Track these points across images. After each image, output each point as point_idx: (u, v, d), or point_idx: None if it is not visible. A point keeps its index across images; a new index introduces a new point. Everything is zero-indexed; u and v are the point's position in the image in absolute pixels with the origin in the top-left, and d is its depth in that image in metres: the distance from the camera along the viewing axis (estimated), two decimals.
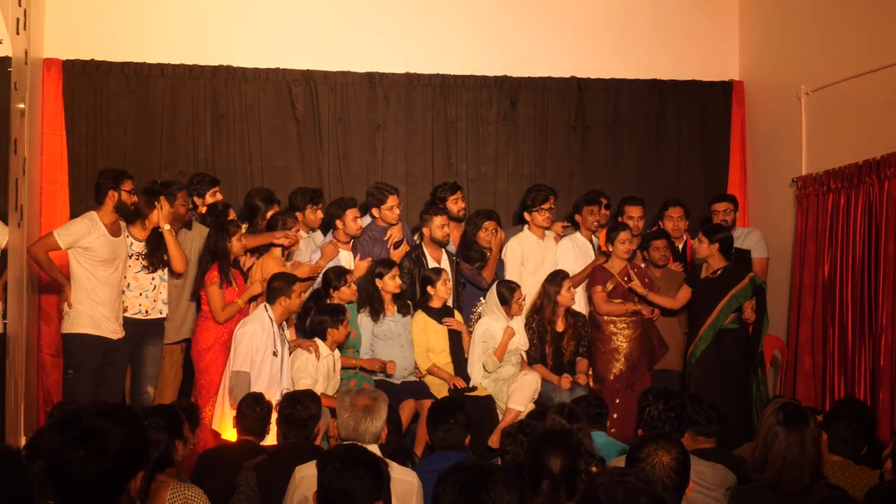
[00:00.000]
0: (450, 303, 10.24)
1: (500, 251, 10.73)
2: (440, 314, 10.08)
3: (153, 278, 9.53)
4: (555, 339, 10.27)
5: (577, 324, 10.37)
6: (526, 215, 10.89)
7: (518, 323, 10.23)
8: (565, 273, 10.35)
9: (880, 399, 9.48)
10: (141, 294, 9.49)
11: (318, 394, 7.97)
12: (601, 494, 3.65)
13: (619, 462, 5.66)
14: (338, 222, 10.25)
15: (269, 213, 10.13)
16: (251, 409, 7.62)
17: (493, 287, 10.24)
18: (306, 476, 5.80)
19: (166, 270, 9.62)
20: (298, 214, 10.31)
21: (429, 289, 10.02)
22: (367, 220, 10.55)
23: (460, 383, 9.77)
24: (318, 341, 9.25)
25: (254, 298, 9.58)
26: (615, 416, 9.68)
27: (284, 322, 9.32)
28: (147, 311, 9.52)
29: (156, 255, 9.49)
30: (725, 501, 6.02)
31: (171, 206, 9.57)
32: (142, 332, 9.52)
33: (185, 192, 10.03)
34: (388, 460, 5.21)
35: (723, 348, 10.01)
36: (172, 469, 5.86)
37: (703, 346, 10.06)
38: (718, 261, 10.13)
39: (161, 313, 9.65)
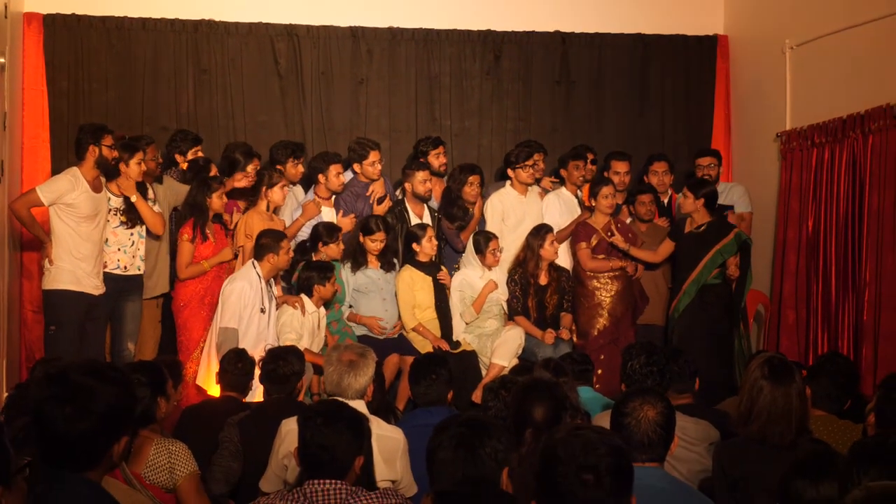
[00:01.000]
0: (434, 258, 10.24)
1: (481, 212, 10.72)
2: (428, 269, 10.07)
3: (132, 234, 9.50)
4: (538, 292, 10.27)
5: (560, 278, 10.38)
6: (509, 171, 10.87)
7: (498, 275, 10.26)
8: (549, 227, 10.35)
9: (863, 354, 9.51)
10: (119, 249, 9.46)
11: (303, 350, 7.97)
12: (559, 451, 3.63)
13: (604, 417, 5.66)
14: (320, 177, 10.23)
15: (250, 167, 10.09)
16: (233, 365, 7.63)
17: (471, 237, 10.27)
18: (291, 430, 5.79)
19: (144, 227, 9.59)
20: (279, 167, 10.30)
21: (414, 245, 10.01)
22: (348, 175, 10.51)
23: (444, 346, 9.76)
24: (304, 297, 9.25)
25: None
26: (599, 371, 9.71)
27: (272, 279, 9.30)
28: (126, 267, 9.49)
29: (133, 210, 9.45)
30: (709, 456, 6.04)
31: (142, 161, 9.52)
32: (121, 288, 9.49)
33: (154, 146, 10.00)
34: (373, 417, 5.21)
35: (706, 304, 10.06)
36: (156, 425, 5.85)
37: (686, 300, 10.11)
38: (703, 216, 10.15)
39: (139, 269, 9.62)
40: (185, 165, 10.22)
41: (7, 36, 9.60)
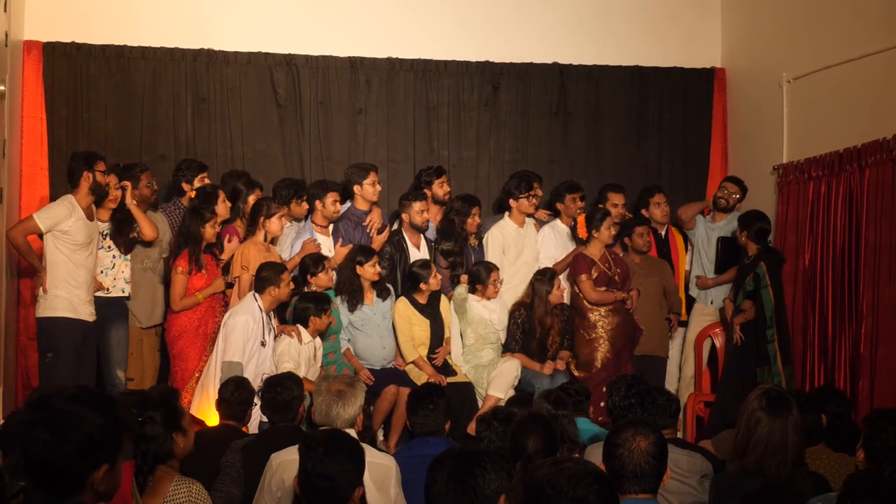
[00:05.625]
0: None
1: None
2: (425, 309, 10.07)
3: (114, 256, 9.51)
4: (542, 335, 10.23)
5: (562, 318, 10.33)
6: (511, 202, 10.86)
7: (498, 304, 10.29)
8: (554, 271, 10.34)
9: (860, 387, 9.49)
10: (101, 272, 9.47)
11: (301, 377, 7.94)
12: (546, 487, 3.66)
13: (596, 450, 5.68)
14: (317, 203, 10.23)
15: (251, 197, 10.14)
16: (231, 394, 7.58)
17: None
18: (283, 462, 5.81)
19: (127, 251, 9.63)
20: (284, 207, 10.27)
21: (422, 286, 9.97)
22: (345, 206, 10.49)
23: (443, 381, 9.70)
24: (300, 327, 9.23)
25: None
26: (602, 404, 9.65)
27: (272, 311, 9.30)
28: (108, 290, 9.49)
29: (119, 235, 9.50)
30: (700, 488, 6.06)
31: (136, 188, 9.57)
32: (103, 314, 9.44)
33: (148, 172, 10.04)
34: (363, 444, 5.22)
35: (738, 341, 10.07)
36: (175, 461, 5.81)
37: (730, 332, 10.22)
38: (752, 248, 10.19)
39: (122, 292, 9.62)
40: (192, 193, 10.19)
41: (7, 64, 9.62)
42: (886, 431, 5.87)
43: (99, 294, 9.43)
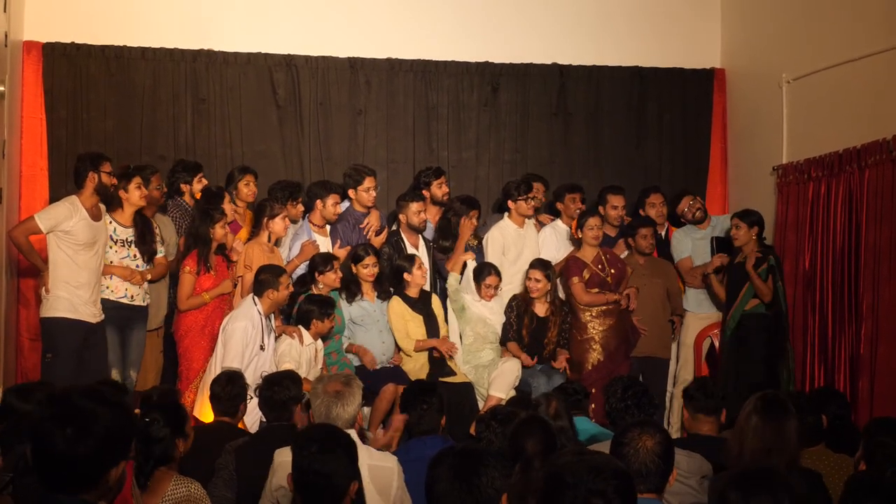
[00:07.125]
0: (427, 287, 10.24)
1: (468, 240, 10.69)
2: (417, 305, 10.08)
3: (137, 265, 9.48)
4: (538, 325, 10.22)
5: (562, 317, 10.31)
6: (510, 203, 10.83)
7: (496, 305, 10.28)
8: (540, 261, 10.32)
9: (860, 387, 9.50)
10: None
11: (301, 378, 7.92)
12: (566, 476, 3.65)
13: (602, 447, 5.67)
14: (318, 202, 10.21)
15: (241, 182, 10.31)
16: (223, 389, 7.53)
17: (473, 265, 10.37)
18: (283, 462, 5.79)
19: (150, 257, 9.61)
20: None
21: (405, 276, 10.00)
22: (343, 206, 10.47)
23: (453, 349, 9.80)
24: (301, 329, 9.22)
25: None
26: (593, 406, 9.64)
27: (272, 313, 9.29)
28: (132, 297, 9.46)
29: (143, 245, 9.46)
30: (701, 489, 6.05)
31: (147, 190, 9.54)
32: (127, 316, 9.44)
33: (158, 175, 10.03)
34: (363, 445, 5.22)
35: (744, 336, 10.02)
36: (174, 464, 5.82)
37: (729, 330, 10.12)
38: (752, 245, 10.16)
39: (144, 301, 9.60)
40: (198, 195, 10.19)
41: (7, 64, 9.63)
42: (887, 447, 5.84)
43: (123, 300, 9.43)
